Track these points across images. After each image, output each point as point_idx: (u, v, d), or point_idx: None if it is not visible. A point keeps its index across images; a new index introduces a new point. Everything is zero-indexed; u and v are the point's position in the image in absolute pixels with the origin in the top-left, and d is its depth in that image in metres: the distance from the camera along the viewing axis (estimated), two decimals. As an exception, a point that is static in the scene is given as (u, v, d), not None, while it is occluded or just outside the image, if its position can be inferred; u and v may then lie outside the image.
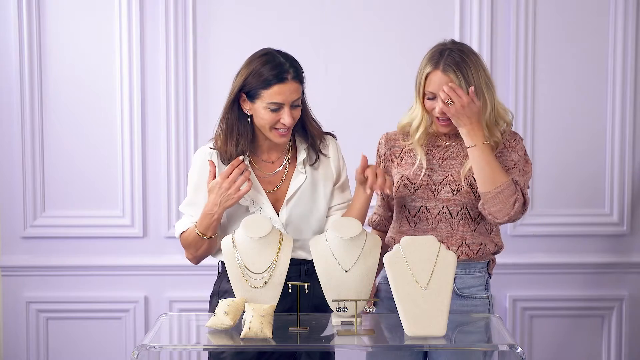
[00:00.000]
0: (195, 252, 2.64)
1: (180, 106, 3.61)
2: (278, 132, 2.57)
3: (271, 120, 2.55)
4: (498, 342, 2.39)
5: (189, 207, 2.66)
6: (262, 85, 2.53)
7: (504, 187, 2.56)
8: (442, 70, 2.58)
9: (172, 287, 3.67)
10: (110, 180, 3.65)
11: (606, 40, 3.62)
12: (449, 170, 2.67)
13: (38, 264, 3.67)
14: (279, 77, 2.53)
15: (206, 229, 2.57)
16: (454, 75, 2.57)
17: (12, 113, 3.62)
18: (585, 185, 3.68)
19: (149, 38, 3.61)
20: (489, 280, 2.73)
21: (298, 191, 2.62)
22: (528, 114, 3.63)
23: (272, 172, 2.65)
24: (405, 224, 2.70)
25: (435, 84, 2.59)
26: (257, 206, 2.60)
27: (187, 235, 2.63)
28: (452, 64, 2.58)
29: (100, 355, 3.70)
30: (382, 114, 3.50)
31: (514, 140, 2.67)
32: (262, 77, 2.53)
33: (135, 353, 2.25)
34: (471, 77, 2.58)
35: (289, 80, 2.54)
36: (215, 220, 2.55)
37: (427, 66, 2.61)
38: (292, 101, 2.55)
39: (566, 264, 3.69)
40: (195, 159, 2.67)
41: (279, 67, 2.54)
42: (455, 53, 2.60)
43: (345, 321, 2.45)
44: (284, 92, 2.53)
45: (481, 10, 3.59)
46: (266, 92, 2.53)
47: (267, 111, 2.54)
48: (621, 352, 3.72)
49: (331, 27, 3.61)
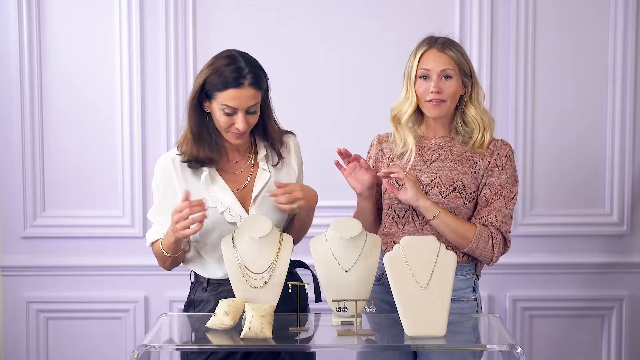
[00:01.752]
0: (162, 264, 2.64)
1: (180, 106, 3.61)
2: (233, 134, 2.55)
3: (225, 124, 2.52)
4: (498, 342, 2.39)
5: (155, 213, 2.63)
6: (218, 87, 2.49)
7: (477, 239, 2.62)
8: (439, 49, 2.64)
9: (172, 287, 3.67)
10: (110, 180, 3.65)
11: (606, 40, 3.62)
12: (437, 173, 2.67)
13: (38, 264, 3.67)
14: (235, 81, 2.48)
15: (168, 248, 2.56)
16: (450, 53, 2.63)
17: (12, 113, 3.62)
18: (585, 185, 3.68)
19: (148, 38, 3.61)
20: (477, 281, 2.73)
21: (264, 189, 2.62)
22: (528, 114, 3.63)
23: (237, 171, 2.64)
24: (392, 226, 2.70)
25: (431, 61, 2.64)
26: (225, 206, 2.59)
27: (155, 248, 2.62)
28: (448, 44, 2.65)
29: (100, 355, 3.71)
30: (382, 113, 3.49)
31: (504, 157, 2.68)
32: (219, 79, 2.49)
33: (135, 353, 2.25)
34: (467, 60, 2.67)
35: (245, 86, 2.48)
36: (174, 243, 2.53)
37: (421, 47, 2.67)
38: (247, 107, 2.51)
39: (566, 264, 3.69)
40: (157, 168, 2.63)
41: (238, 71, 2.49)
42: (449, 40, 2.68)
43: (345, 321, 2.45)
44: (239, 98, 2.49)
45: (481, 10, 3.59)
46: (221, 95, 2.49)
47: (222, 114, 2.51)
48: (621, 352, 3.72)
49: (331, 27, 3.61)
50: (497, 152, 2.68)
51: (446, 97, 2.63)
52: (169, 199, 2.59)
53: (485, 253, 2.64)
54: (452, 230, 2.61)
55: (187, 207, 2.44)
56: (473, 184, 2.66)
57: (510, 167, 2.69)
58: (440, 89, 2.62)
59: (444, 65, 2.63)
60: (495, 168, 2.67)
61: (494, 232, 2.64)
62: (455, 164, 2.67)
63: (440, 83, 2.62)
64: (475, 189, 2.67)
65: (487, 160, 2.68)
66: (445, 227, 2.61)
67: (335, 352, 2.66)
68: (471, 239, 2.62)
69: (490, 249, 2.64)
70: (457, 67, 2.64)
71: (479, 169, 2.68)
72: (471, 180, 2.66)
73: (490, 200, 2.65)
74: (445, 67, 2.63)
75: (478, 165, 2.68)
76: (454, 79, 2.64)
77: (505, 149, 2.70)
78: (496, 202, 2.65)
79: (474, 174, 2.67)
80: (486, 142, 2.68)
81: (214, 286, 2.64)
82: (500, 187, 2.66)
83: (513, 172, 2.69)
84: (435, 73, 2.62)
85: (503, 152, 2.69)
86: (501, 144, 2.70)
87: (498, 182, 2.66)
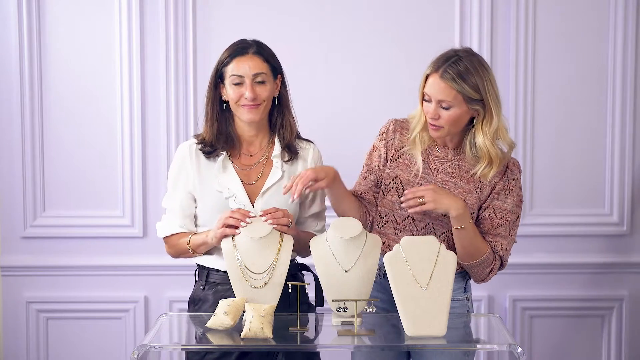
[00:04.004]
0: (177, 255, 2.72)
1: (180, 106, 3.61)
2: (244, 108, 2.60)
3: (235, 96, 2.59)
4: (498, 342, 2.39)
5: (168, 199, 2.70)
6: (225, 63, 2.61)
7: (482, 261, 2.61)
8: (441, 76, 2.52)
9: (172, 287, 3.67)
10: (110, 180, 3.65)
11: (606, 40, 3.62)
12: (442, 186, 2.63)
13: (38, 264, 3.67)
14: (241, 50, 2.61)
15: (197, 246, 2.63)
16: (452, 83, 2.50)
17: (12, 113, 3.61)
18: (585, 185, 3.68)
19: (149, 38, 3.60)
20: (469, 282, 2.73)
21: (274, 185, 2.64)
22: (528, 114, 3.63)
23: (251, 165, 2.67)
24: (389, 228, 2.68)
25: (431, 87, 2.54)
26: (231, 193, 2.62)
27: (174, 243, 2.69)
28: (454, 72, 2.51)
29: (100, 355, 3.70)
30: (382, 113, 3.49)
31: (512, 180, 2.63)
32: (227, 53, 2.62)
33: (135, 353, 2.26)
34: (475, 87, 2.52)
35: (249, 54, 2.60)
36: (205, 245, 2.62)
37: (429, 68, 2.56)
38: (254, 74, 2.59)
39: (566, 264, 3.69)
40: (175, 155, 2.71)
41: (242, 42, 2.63)
42: (462, 62, 2.52)
43: (345, 321, 2.45)
44: (243, 65, 2.58)
45: (481, 10, 3.59)
46: (229, 68, 2.60)
47: (232, 87, 2.59)
48: (621, 352, 3.72)
49: (331, 27, 3.61)
50: (507, 175, 2.63)
51: (444, 123, 2.55)
52: (181, 183, 2.66)
53: (480, 274, 2.65)
54: (469, 244, 2.57)
55: (243, 214, 2.53)
56: (475, 204, 2.62)
57: (517, 188, 2.64)
58: (438, 115, 2.54)
59: (441, 96, 2.52)
60: (502, 191, 2.63)
61: (496, 259, 2.64)
62: (460, 180, 2.63)
63: (439, 110, 2.54)
64: (477, 208, 2.63)
65: (494, 181, 2.63)
66: (466, 239, 2.57)
67: (336, 352, 2.65)
68: (479, 258, 2.60)
69: (487, 272, 2.65)
70: (459, 95, 2.51)
71: (484, 189, 2.63)
72: (474, 200, 2.62)
73: (496, 225, 2.62)
74: (442, 98, 2.52)
75: (484, 184, 2.62)
76: (455, 108, 2.53)
77: (514, 172, 2.64)
78: (501, 227, 2.62)
79: (478, 194, 2.62)
80: (489, 175, 2.60)
81: (211, 284, 2.65)
82: (506, 212, 2.62)
83: (518, 193, 2.65)
84: (435, 100, 2.54)
85: (512, 175, 2.63)
86: (511, 167, 2.64)
87: (504, 207, 2.62)
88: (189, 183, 2.65)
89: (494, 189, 2.63)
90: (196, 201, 2.66)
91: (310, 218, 2.72)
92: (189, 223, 2.67)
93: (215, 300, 2.53)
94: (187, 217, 2.67)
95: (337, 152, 3.56)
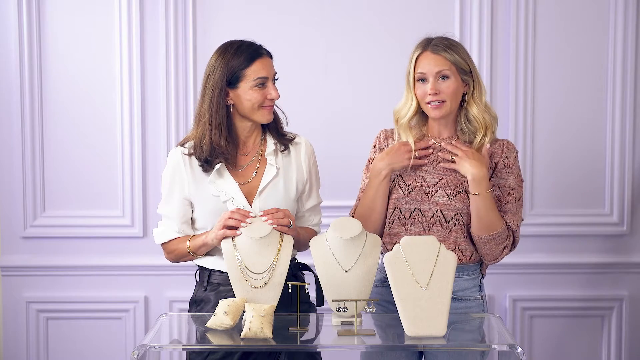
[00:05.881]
0: (177, 260, 2.72)
1: (180, 106, 3.61)
2: (265, 109, 2.62)
3: (260, 98, 2.60)
4: (498, 342, 2.39)
5: (163, 205, 2.69)
6: (244, 65, 2.59)
7: (497, 235, 2.61)
8: (432, 50, 2.63)
9: (172, 287, 3.67)
10: (110, 180, 3.65)
11: (606, 40, 3.62)
12: (443, 174, 2.67)
13: (38, 264, 3.67)
14: (257, 52, 2.61)
15: (197, 248, 2.64)
16: (445, 54, 2.62)
17: (12, 113, 3.62)
18: (585, 185, 3.68)
19: (149, 38, 3.61)
20: (483, 280, 2.74)
21: (270, 183, 2.64)
22: (528, 114, 3.63)
23: (244, 164, 2.67)
24: (397, 226, 2.69)
25: (426, 63, 2.63)
26: (228, 196, 2.62)
27: (172, 248, 2.68)
28: (444, 45, 2.64)
29: (100, 355, 3.70)
30: (382, 113, 3.49)
31: (511, 158, 2.69)
32: (241, 57, 2.59)
33: (135, 353, 2.26)
34: (464, 58, 2.64)
35: (265, 56, 2.63)
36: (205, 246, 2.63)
37: (417, 50, 2.66)
38: (273, 75, 2.63)
39: (566, 264, 3.69)
40: (168, 160, 2.69)
41: (252, 46, 2.62)
42: (445, 39, 2.66)
43: (345, 321, 2.45)
44: (266, 66, 2.61)
45: (481, 10, 3.59)
46: (249, 70, 2.59)
47: (255, 90, 2.59)
48: (621, 352, 3.72)
49: (331, 27, 3.61)
50: (504, 153, 2.68)
51: (445, 97, 2.62)
52: (177, 190, 2.65)
53: (494, 251, 2.64)
54: (487, 213, 2.59)
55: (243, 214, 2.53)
56: None
57: (516, 167, 2.69)
58: (438, 90, 2.61)
59: (439, 67, 2.62)
60: (503, 170, 2.67)
61: (509, 235, 2.66)
62: None
63: (438, 84, 2.61)
64: None
65: (494, 161, 2.67)
66: (482, 207, 2.59)
67: (336, 352, 2.65)
68: (494, 230, 2.60)
69: (501, 249, 2.64)
70: (453, 66, 2.62)
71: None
72: None
73: (504, 202, 2.66)
74: (440, 68, 2.62)
75: None
76: (452, 78, 2.62)
77: (511, 150, 2.69)
78: (509, 204, 2.66)
79: None
80: (485, 143, 2.66)
81: (213, 285, 2.65)
82: (510, 189, 2.66)
83: (519, 172, 2.70)
84: (432, 75, 2.62)
85: (510, 154, 2.68)
86: (507, 145, 2.70)
87: (508, 184, 2.67)
88: (184, 189, 2.64)
89: (495, 169, 2.67)
90: (193, 206, 2.66)
91: (308, 212, 2.74)
92: (186, 228, 2.67)
93: (217, 301, 2.52)
94: (185, 222, 2.67)
95: (337, 152, 3.57)
